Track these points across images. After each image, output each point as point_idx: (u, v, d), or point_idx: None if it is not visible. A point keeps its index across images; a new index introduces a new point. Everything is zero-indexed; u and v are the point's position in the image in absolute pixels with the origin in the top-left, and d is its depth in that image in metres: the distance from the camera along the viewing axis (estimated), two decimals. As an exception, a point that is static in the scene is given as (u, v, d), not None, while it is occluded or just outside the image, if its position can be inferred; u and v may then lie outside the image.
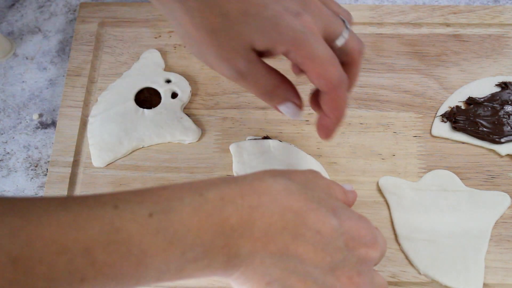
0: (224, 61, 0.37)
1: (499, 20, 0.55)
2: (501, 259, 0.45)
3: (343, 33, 0.38)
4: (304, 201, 0.32)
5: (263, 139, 0.49)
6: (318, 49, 0.36)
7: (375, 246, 0.34)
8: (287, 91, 0.39)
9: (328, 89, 0.38)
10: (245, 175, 0.33)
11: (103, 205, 0.29)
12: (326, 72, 0.37)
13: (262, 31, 0.35)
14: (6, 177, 0.51)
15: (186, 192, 0.31)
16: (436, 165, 0.49)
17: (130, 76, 0.53)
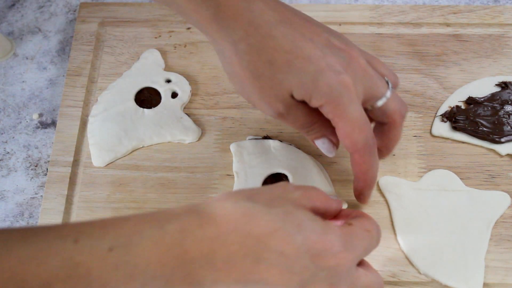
0: (266, 103, 0.39)
1: (499, 20, 0.55)
2: (501, 259, 0.45)
3: (385, 94, 0.39)
4: (265, 223, 0.32)
5: (264, 139, 0.50)
6: (350, 109, 0.37)
7: (345, 253, 0.33)
8: (324, 128, 0.41)
9: (353, 150, 0.39)
10: (208, 201, 0.33)
11: (63, 238, 0.29)
12: (353, 134, 0.38)
13: (302, 84, 0.37)
14: (6, 177, 0.51)
15: (146, 224, 0.31)
16: (436, 165, 0.49)
17: (130, 76, 0.53)
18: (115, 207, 0.48)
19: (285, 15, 0.38)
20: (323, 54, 0.37)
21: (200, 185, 0.49)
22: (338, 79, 0.37)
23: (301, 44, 0.37)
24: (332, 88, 0.37)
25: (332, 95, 0.37)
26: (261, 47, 0.37)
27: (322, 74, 0.37)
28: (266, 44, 0.37)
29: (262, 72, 0.37)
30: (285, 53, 0.37)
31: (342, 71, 0.37)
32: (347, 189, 0.48)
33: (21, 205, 0.50)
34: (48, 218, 0.48)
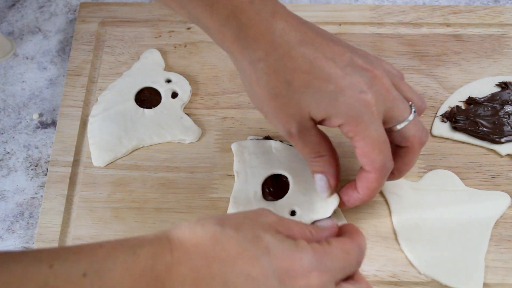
0: (280, 122, 0.39)
1: (499, 20, 0.55)
2: (501, 259, 0.45)
3: (407, 118, 0.39)
4: (231, 246, 0.32)
5: (265, 139, 0.49)
6: (370, 129, 0.37)
7: (315, 272, 0.32)
8: (327, 166, 0.41)
9: (369, 170, 0.39)
10: (179, 226, 0.33)
11: (39, 263, 0.29)
12: (372, 154, 0.38)
13: (320, 104, 0.37)
14: (6, 177, 0.51)
15: (120, 250, 0.31)
16: (436, 165, 0.49)
17: (130, 75, 0.53)
18: (115, 207, 0.48)
19: (307, 35, 0.38)
20: (344, 74, 0.37)
21: (200, 185, 0.49)
22: (359, 98, 0.36)
23: (321, 64, 0.37)
24: (352, 107, 0.37)
25: (352, 114, 0.37)
26: (279, 68, 0.37)
27: (342, 93, 0.37)
28: (284, 64, 0.37)
29: (280, 92, 0.38)
30: (304, 74, 0.37)
31: (364, 90, 0.37)
32: (347, 189, 0.48)
33: (21, 205, 0.50)
34: (48, 218, 0.48)
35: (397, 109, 0.39)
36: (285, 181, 0.47)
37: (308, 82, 0.37)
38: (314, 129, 0.39)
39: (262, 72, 0.38)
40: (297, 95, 0.37)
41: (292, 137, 0.39)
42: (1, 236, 0.49)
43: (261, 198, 0.46)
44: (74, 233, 0.47)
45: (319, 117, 0.38)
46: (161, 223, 0.47)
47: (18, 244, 0.48)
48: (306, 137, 0.39)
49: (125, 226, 0.47)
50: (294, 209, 0.45)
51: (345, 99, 0.37)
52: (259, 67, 0.38)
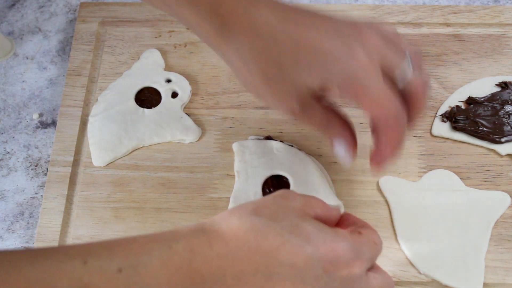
0: (281, 104, 0.39)
1: (499, 20, 0.55)
2: (501, 259, 0.45)
3: (403, 64, 0.38)
4: (273, 237, 0.32)
5: (266, 139, 0.49)
6: (370, 83, 0.36)
7: (357, 261, 0.33)
8: (342, 128, 0.40)
9: (383, 121, 0.37)
10: (213, 219, 0.33)
11: (72, 259, 0.29)
12: (380, 105, 0.37)
13: (313, 74, 0.37)
14: (6, 177, 0.51)
15: (155, 244, 0.31)
16: (436, 165, 0.49)
17: (130, 75, 0.53)
18: (115, 207, 0.48)
19: (288, 15, 0.38)
20: (329, 39, 0.37)
21: (200, 185, 0.49)
22: (349, 58, 0.36)
23: (305, 37, 0.37)
24: (344, 67, 0.36)
25: (346, 75, 0.36)
26: (266, 53, 0.37)
27: (331, 58, 0.36)
28: (271, 48, 0.37)
29: (273, 75, 0.38)
30: (291, 52, 0.37)
31: (352, 49, 0.36)
32: (347, 189, 0.48)
33: (21, 205, 0.50)
34: (48, 218, 0.48)
35: (393, 62, 0.38)
36: (285, 182, 0.47)
37: (297, 58, 0.37)
38: (317, 104, 0.39)
39: (251, 60, 0.38)
40: (290, 73, 0.37)
41: (298, 115, 0.39)
42: (1, 236, 0.49)
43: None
44: (74, 233, 0.47)
45: (316, 86, 0.37)
46: (161, 223, 0.47)
47: (18, 244, 0.49)
48: (311, 113, 0.39)
49: (125, 226, 0.47)
50: None
51: (336, 62, 0.36)
52: (247, 57, 0.38)
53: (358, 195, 0.48)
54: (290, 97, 0.38)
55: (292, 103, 0.38)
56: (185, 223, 0.47)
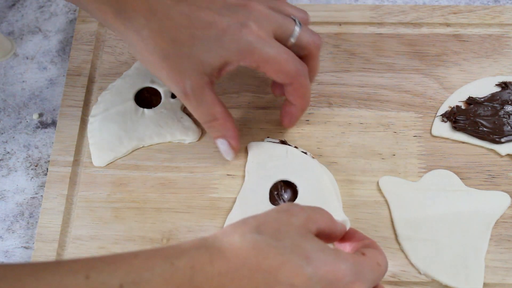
0: (174, 82, 0.41)
1: (499, 20, 0.55)
2: (501, 259, 0.45)
3: (294, 30, 0.41)
4: (273, 256, 0.32)
5: (281, 143, 0.49)
6: (269, 51, 0.40)
7: (357, 283, 0.33)
8: (225, 128, 0.43)
9: (289, 81, 0.42)
10: (216, 235, 0.33)
11: (74, 274, 0.29)
12: (283, 67, 0.40)
13: (210, 51, 0.39)
14: (6, 177, 0.51)
15: (156, 260, 0.31)
16: (436, 165, 0.49)
17: (130, 75, 0.53)
18: (115, 207, 0.48)
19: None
20: (221, 16, 0.39)
21: (200, 185, 0.49)
22: (242, 31, 0.39)
23: (198, 14, 0.39)
24: (240, 40, 0.39)
25: (243, 47, 0.39)
26: (162, 29, 0.39)
27: (225, 33, 0.39)
28: (166, 25, 0.39)
29: (169, 52, 0.39)
30: (185, 29, 0.39)
31: (244, 22, 0.39)
32: (347, 189, 0.48)
33: (21, 205, 0.50)
34: (48, 218, 0.48)
35: (283, 26, 0.41)
36: (294, 188, 0.47)
37: (192, 35, 0.39)
38: (208, 88, 0.41)
39: (148, 37, 0.40)
40: (185, 49, 0.39)
41: (187, 96, 0.41)
42: (1, 236, 0.49)
43: (268, 202, 0.46)
44: (74, 233, 0.47)
45: (214, 64, 0.40)
46: (161, 223, 0.47)
47: (18, 244, 0.49)
48: (201, 96, 0.41)
49: (125, 226, 0.47)
50: None
51: (231, 37, 0.39)
52: (144, 34, 0.40)
53: (358, 195, 0.48)
54: (184, 74, 0.40)
55: (185, 81, 0.40)
56: (185, 223, 0.47)
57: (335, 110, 0.51)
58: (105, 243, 0.47)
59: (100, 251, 0.46)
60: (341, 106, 0.51)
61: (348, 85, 0.52)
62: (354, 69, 0.53)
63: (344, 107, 0.52)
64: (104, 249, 0.46)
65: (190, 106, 0.42)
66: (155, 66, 0.41)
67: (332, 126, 0.51)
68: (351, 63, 0.53)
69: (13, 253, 0.48)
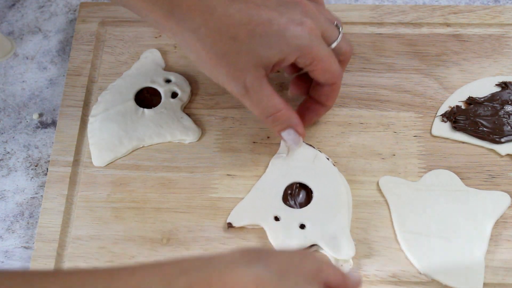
0: (234, 79, 0.40)
1: (499, 20, 0.55)
2: (501, 259, 0.45)
3: (338, 36, 0.43)
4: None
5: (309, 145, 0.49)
6: (323, 50, 0.41)
7: None
8: (289, 118, 0.43)
9: (333, 81, 0.43)
10: (223, 256, 0.32)
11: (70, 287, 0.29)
12: (331, 68, 0.42)
13: (271, 47, 0.39)
14: (6, 177, 0.51)
15: (154, 279, 0.30)
16: (436, 165, 0.49)
17: (130, 75, 0.53)
18: (115, 207, 0.48)
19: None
20: (280, 13, 0.40)
21: (200, 185, 0.49)
22: (305, 29, 0.40)
23: (257, 12, 0.39)
24: (301, 37, 0.39)
25: (303, 43, 0.40)
26: (220, 27, 0.39)
27: (287, 30, 0.39)
28: (224, 23, 0.39)
29: (227, 49, 0.39)
30: (245, 25, 0.39)
31: (303, 20, 0.40)
32: (347, 189, 0.48)
33: (21, 205, 0.50)
34: (48, 218, 0.48)
35: (329, 30, 0.42)
36: (308, 193, 0.47)
37: (252, 31, 0.39)
38: (266, 81, 0.41)
39: (205, 36, 0.39)
40: (245, 46, 0.39)
41: (248, 91, 0.41)
42: (1, 236, 0.49)
43: (280, 199, 0.46)
44: (74, 233, 0.47)
45: (274, 59, 0.40)
46: (161, 223, 0.47)
47: (18, 244, 0.48)
48: (260, 90, 0.41)
49: (125, 226, 0.47)
50: (306, 223, 0.45)
51: (292, 32, 0.39)
52: (201, 33, 0.39)
53: (358, 195, 0.48)
54: (243, 70, 0.40)
55: (244, 76, 0.40)
56: (185, 223, 0.47)
57: (335, 110, 0.51)
58: (105, 243, 0.47)
59: (100, 251, 0.46)
60: (341, 106, 0.51)
61: (348, 85, 0.52)
62: (354, 69, 0.53)
63: (344, 107, 0.52)
64: (104, 249, 0.46)
65: (251, 102, 0.42)
66: (211, 66, 0.40)
67: (332, 126, 0.51)
68: (351, 63, 0.53)
69: (13, 253, 0.48)
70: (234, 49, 0.39)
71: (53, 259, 0.46)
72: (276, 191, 0.47)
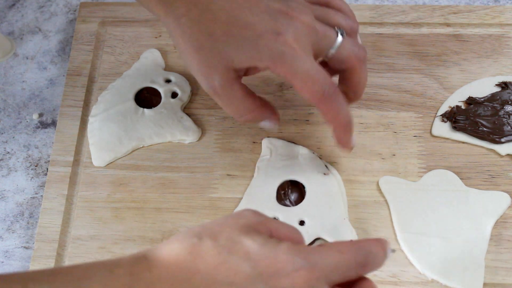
0: (203, 75, 0.40)
1: (499, 20, 0.55)
2: (501, 259, 0.45)
3: (335, 42, 0.40)
4: (210, 257, 0.31)
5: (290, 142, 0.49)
6: (297, 65, 0.38)
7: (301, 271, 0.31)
8: (262, 113, 0.42)
9: (315, 101, 0.40)
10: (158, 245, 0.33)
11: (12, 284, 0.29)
12: (308, 86, 0.39)
13: (242, 50, 0.39)
14: (6, 177, 0.51)
15: (96, 270, 0.31)
16: (436, 165, 0.49)
17: (130, 75, 0.53)
18: (115, 207, 0.48)
19: None
20: (260, 20, 0.39)
21: (200, 185, 0.49)
22: (278, 39, 0.38)
23: (238, 13, 0.39)
24: (273, 48, 0.38)
25: (274, 55, 0.38)
26: (200, 20, 0.39)
27: (261, 38, 0.38)
28: (205, 17, 0.39)
29: (202, 44, 0.39)
30: (223, 24, 0.39)
31: (281, 31, 0.38)
32: (347, 189, 0.48)
33: (21, 205, 0.50)
34: (48, 218, 0.48)
35: (324, 39, 0.40)
36: (301, 189, 0.47)
37: (228, 31, 0.39)
38: (237, 83, 0.40)
39: (185, 25, 0.39)
40: (219, 44, 0.39)
41: (216, 91, 0.40)
42: (1, 236, 0.49)
43: (275, 200, 0.46)
44: (74, 233, 0.47)
45: (244, 64, 0.39)
46: (161, 223, 0.47)
47: (18, 244, 0.49)
48: (231, 92, 0.40)
49: (125, 226, 0.47)
50: (304, 219, 0.45)
51: (265, 42, 0.38)
52: (182, 22, 0.39)
53: (358, 195, 0.48)
54: (214, 69, 0.39)
55: (214, 76, 0.39)
56: (185, 223, 0.47)
57: (335, 110, 0.51)
58: (105, 243, 0.47)
59: (100, 251, 0.46)
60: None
61: (348, 85, 0.52)
62: (354, 69, 0.53)
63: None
64: (104, 249, 0.46)
65: (221, 103, 0.41)
66: (187, 56, 0.40)
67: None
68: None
69: (13, 253, 0.48)
70: (209, 45, 0.39)
71: (53, 259, 0.46)
72: (268, 193, 0.47)
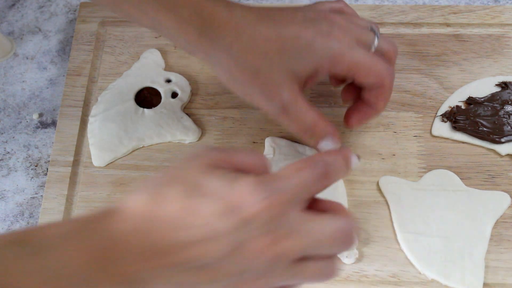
0: (268, 97, 0.40)
1: (499, 20, 0.55)
2: (501, 259, 0.45)
3: (374, 39, 0.42)
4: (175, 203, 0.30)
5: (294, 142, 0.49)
6: (358, 54, 0.40)
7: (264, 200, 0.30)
8: (325, 128, 0.42)
9: (380, 81, 0.41)
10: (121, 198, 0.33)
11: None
12: (373, 69, 0.41)
13: (300, 60, 0.40)
14: (6, 177, 0.51)
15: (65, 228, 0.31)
16: (436, 165, 0.49)
17: (130, 75, 0.53)
18: (115, 207, 0.48)
19: (262, 13, 0.41)
20: (306, 27, 0.40)
21: (200, 185, 0.49)
22: (330, 38, 0.40)
23: (284, 28, 0.40)
24: (331, 48, 0.39)
25: (335, 53, 0.40)
26: (252, 44, 0.39)
27: (314, 42, 0.39)
28: (255, 39, 0.39)
29: (260, 66, 0.39)
30: (275, 42, 0.39)
31: (329, 30, 0.40)
32: (347, 189, 0.48)
33: (21, 205, 0.50)
34: (48, 218, 0.48)
35: (363, 35, 0.42)
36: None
37: (282, 47, 0.39)
38: (302, 96, 0.41)
39: (238, 53, 0.39)
40: (276, 61, 0.39)
41: (286, 109, 0.40)
42: (1, 236, 0.49)
43: None
44: (74, 233, 0.47)
45: (306, 72, 0.40)
46: (161, 223, 0.47)
47: (18, 244, 0.48)
48: (297, 106, 0.41)
49: (125, 226, 0.47)
50: None
51: (319, 44, 0.39)
52: (234, 50, 0.39)
53: (358, 195, 0.48)
54: (278, 87, 0.40)
55: (281, 93, 0.40)
56: (185, 223, 0.47)
57: (335, 110, 0.51)
58: (105, 243, 0.47)
59: (100, 251, 0.46)
60: (341, 106, 0.51)
61: (348, 85, 0.52)
62: (354, 69, 0.53)
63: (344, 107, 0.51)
64: (104, 249, 0.46)
65: (288, 120, 0.41)
66: (245, 84, 0.40)
67: (332, 126, 0.51)
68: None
69: (13, 253, 0.48)
70: (266, 65, 0.39)
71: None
72: None
